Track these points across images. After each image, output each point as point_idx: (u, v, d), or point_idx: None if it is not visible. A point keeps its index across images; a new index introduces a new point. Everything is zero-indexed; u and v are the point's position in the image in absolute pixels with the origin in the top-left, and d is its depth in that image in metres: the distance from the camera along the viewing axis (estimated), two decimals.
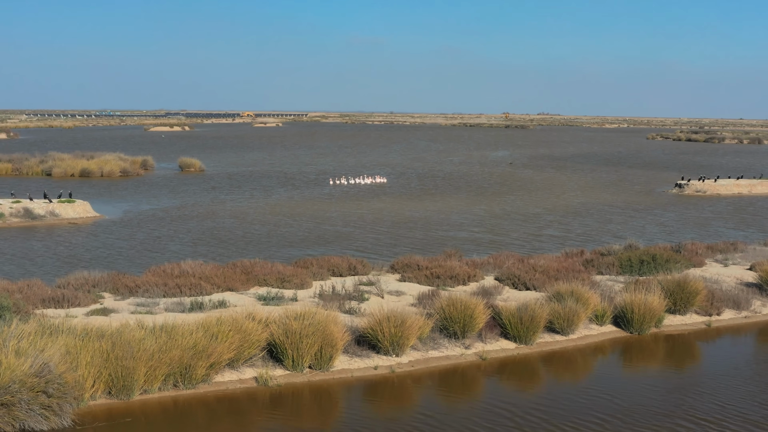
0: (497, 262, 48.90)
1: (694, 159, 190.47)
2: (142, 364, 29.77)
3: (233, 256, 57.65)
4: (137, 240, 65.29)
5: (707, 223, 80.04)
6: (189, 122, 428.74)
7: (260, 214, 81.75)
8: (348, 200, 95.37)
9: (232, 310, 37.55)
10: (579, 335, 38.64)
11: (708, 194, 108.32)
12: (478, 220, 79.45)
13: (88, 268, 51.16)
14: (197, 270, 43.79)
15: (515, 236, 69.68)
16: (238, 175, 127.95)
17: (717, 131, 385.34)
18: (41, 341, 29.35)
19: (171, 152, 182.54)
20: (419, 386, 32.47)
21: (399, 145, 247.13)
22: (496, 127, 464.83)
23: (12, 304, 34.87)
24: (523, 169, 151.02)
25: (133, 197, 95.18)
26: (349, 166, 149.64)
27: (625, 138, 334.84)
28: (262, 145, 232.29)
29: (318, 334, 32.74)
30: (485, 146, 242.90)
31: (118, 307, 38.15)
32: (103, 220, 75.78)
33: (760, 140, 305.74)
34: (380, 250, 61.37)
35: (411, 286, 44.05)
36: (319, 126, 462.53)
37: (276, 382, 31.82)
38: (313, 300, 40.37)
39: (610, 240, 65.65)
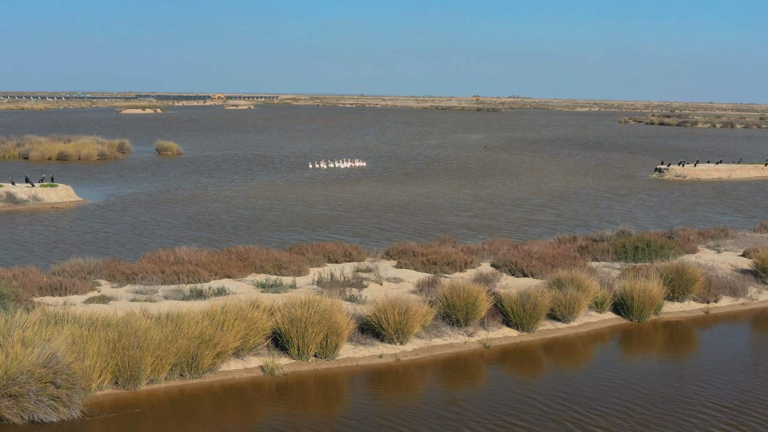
0: (492, 248, 48.81)
1: (669, 143, 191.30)
2: (149, 354, 29.43)
3: (223, 241, 57.28)
4: (123, 225, 64.68)
5: (692, 208, 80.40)
6: (160, 105, 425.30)
7: (245, 198, 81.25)
8: (331, 184, 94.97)
9: (233, 298, 37.22)
10: (580, 322, 38.65)
11: (688, 179, 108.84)
12: (465, 205, 79.36)
13: (78, 254, 50.63)
14: (193, 256, 43.39)
15: (504, 221, 69.66)
16: (217, 159, 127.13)
17: (689, 115, 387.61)
18: (46, 331, 28.95)
19: (146, 135, 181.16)
20: (424, 375, 32.34)
21: (373, 128, 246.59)
22: (468, 110, 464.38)
23: (12, 292, 34.29)
24: (501, 152, 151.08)
25: (113, 181, 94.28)
26: (326, 150, 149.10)
27: (598, 122, 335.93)
28: (236, 128, 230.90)
29: (323, 323, 32.51)
30: (459, 129, 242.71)
31: (117, 295, 37.73)
32: (86, 205, 74.99)
33: (733, 124, 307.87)
34: (371, 236, 61.17)
35: (408, 272, 43.89)
36: (290, 109, 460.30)
37: (282, 371, 31.58)
38: (312, 287, 40.12)
39: (600, 225, 65.84)
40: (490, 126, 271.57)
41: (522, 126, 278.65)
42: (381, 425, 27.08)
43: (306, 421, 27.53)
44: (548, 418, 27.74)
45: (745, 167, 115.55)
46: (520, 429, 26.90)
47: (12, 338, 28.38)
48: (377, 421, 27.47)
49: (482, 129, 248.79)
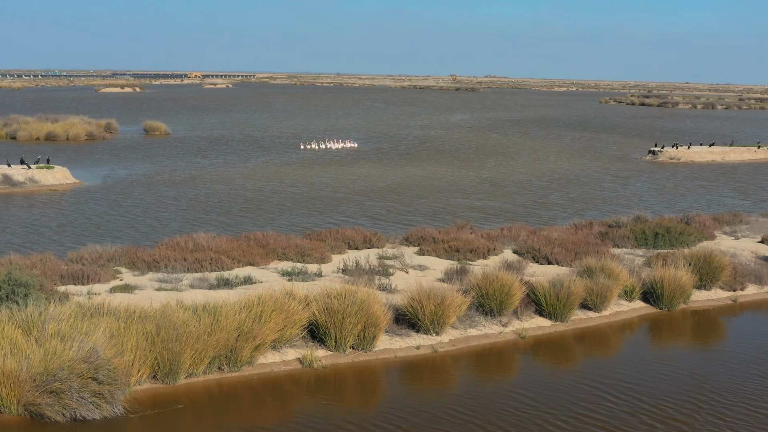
0: (511, 234, 48.20)
1: (653, 124, 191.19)
2: (188, 348, 28.65)
3: (233, 225, 56.55)
4: (127, 207, 63.65)
5: (698, 192, 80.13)
6: (138, 83, 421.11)
7: (245, 180, 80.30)
8: (327, 165, 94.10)
9: (261, 287, 36.43)
10: (611, 311, 38.17)
11: (682, 161, 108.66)
12: (470, 188, 78.71)
13: (88, 239, 49.83)
14: (212, 243, 42.51)
15: (514, 205, 69.03)
16: (206, 139, 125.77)
17: (667, 95, 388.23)
18: (82, 324, 28.07)
19: (129, 114, 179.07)
20: (464, 366, 31.77)
21: (356, 107, 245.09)
22: (446, 89, 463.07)
23: (36, 282, 33.31)
24: (490, 133, 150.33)
25: (107, 162, 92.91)
26: (312, 130, 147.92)
27: (578, 102, 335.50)
28: (219, 107, 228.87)
29: (361, 314, 31.81)
30: (442, 110, 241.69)
31: (140, 283, 36.84)
32: (83, 187, 73.79)
33: (713, 105, 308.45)
34: (383, 220, 60.56)
35: (432, 260, 43.22)
36: (269, 87, 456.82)
37: (321, 363, 30.84)
38: (338, 275, 39.39)
39: (610, 209, 65.54)
40: (471, 106, 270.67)
41: (504, 106, 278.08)
42: (424, 420, 26.38)
43: (346, 415, 26.84)
44: (621, 411, 27.17)
45: (738, 149, 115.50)
46: (596, 423, 26.24)
47: (47, 332, 27.52)
48: (419, 415, 26.77)
49: (465, 109, 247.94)
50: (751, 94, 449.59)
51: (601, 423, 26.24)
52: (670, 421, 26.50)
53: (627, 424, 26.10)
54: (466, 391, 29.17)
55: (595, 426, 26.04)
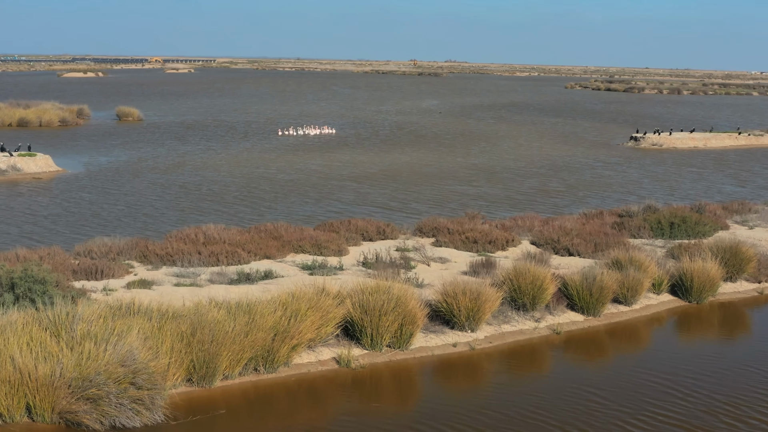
0: (525, 224, 47.05)
1: (624, 109, 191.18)
2: (225, 349, 27.22)
3: (230, 214, 55.23)
4: (117, 196, 61.82)
5: (697, 179, 79.47)
6: (100, 68, 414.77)
7: (231, 167, 78.63)
8: (311, 152, 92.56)
9: (283, 282, 35.09)
10: (641, 305, 37.24)
11: (665, 147, 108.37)
12: (465, 174, 77.64)
13: (86, 229, 48.13)
14: (223, 235, 40.99)
15: (516, 192, 68.07)
16: (180, 125, 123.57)
17: (631, 81, 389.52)
18: (113, 324, 26.49)
19: (98, 100, 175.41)
20: (503, 364, 30.62)
21: (323, 93, 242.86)
22: (409, 74, 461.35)
23: (53, 278, 31.64)
24: (465, 119, 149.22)
25: (86, 149, 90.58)
26: (286, 116, 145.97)
27: (544, 87, 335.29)
28: (186, 92, 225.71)
29: (398, 311, 30.49)
30: (410, 95, 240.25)
31: (157, 278, 35.28)
32: (67, 175, 71.71)
33: (679, 90, 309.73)
34: (386, 207, 59.41)
35: (451, 251, 42.00)
36: (231, 72, 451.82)
37: (358, 363, 29.53)
38: (359, 269, 38.11)
39: (614, 197, 64.74)
40: (438, 91, 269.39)
41: (471, 91, 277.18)
42: (470, 422, 25.15)
43: (388, 418, 25.62)
44: (697, 410, 26.13)
45: (719, 136, 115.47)
46: (675, 422, 25.19)
47: (75, 333, 25.96)
48: (465, 417, 25.57)
49: (432, 94, 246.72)
50: (713, 80, 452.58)
51: (678, 422, 25.20)
52: (749, 420, 25.51)
53: (707, 425, 25.07)
54: (522, 390, 28.04)
55: (675, 426, 25.02)
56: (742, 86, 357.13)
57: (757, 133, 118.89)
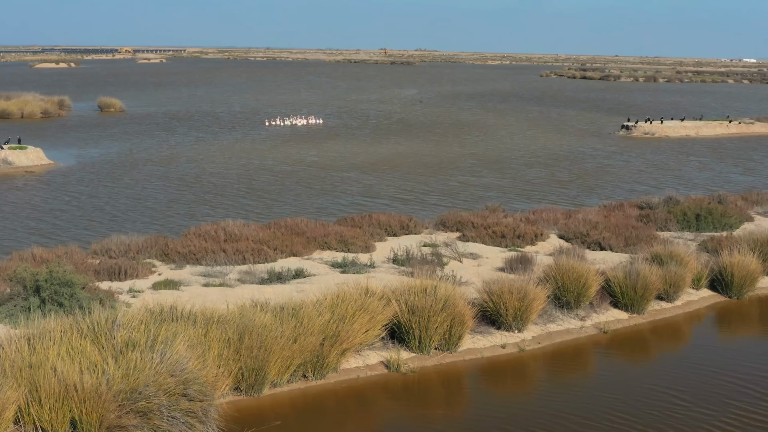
0: (548, 217, 45.78)
1: (605, 97, 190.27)
2: (274, 355, 25.75)
3: (237, 207, 53.90)
4: (117, 190, 60.02)
5: (695, 168, 78.58)
6: (72, 59, 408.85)
7: (226, 159, 76.81)
8: (304, 143, 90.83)
9: (316, 281, 33.64)
10: (682, 301, 36.09)
11: (657, 136, 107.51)
12: (468, 165, 76.19)
13: (92, 225, 46.39)
14: (245, 231, 39.37)
15: (526, 182, 66.54)
16: (163, 116, 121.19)
17: (605, 69, 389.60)
18: (158, 330, 24.90)
19: (76, 91, 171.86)
20: (557, 366, 29.41)
21: (300, 82, 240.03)
22: (382, 63, 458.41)
23: (81, 280, 29.98)
24: (450, 108, 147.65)
25: (74, 142, 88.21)
26: (269, 106, 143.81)
27: (519, 75, 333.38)
28: (162, 82, 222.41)
29: (447, 311, 29.10)
30: (388, 84, 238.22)
31: (183, 278, 33.68)
32: (59, 168, 69.65)
33: (655, 78, 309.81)
34: (398, 198, 58.12)
35: (480, 247, 40.64)
36: (204, 62, 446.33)
37: (408, 367, 28.12)
38: (391, 266, 36.69)
39: (626, 187, 63.70)
40: (416, 80, 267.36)
41: (448, 80, 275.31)
42: (547, 426, 23.91)
43: (443, 425, 24.35)
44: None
45: (710, 124, 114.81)
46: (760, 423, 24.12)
47: (116, 341, 24.35)
48: (533, 422, 24.32)
49: (410, 83, 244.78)
50: (685, 67, 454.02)
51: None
52: None
53: None
54: (589, 393, 26.80)
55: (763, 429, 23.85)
56: (715, 74, 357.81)
57: (748, 121, 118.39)
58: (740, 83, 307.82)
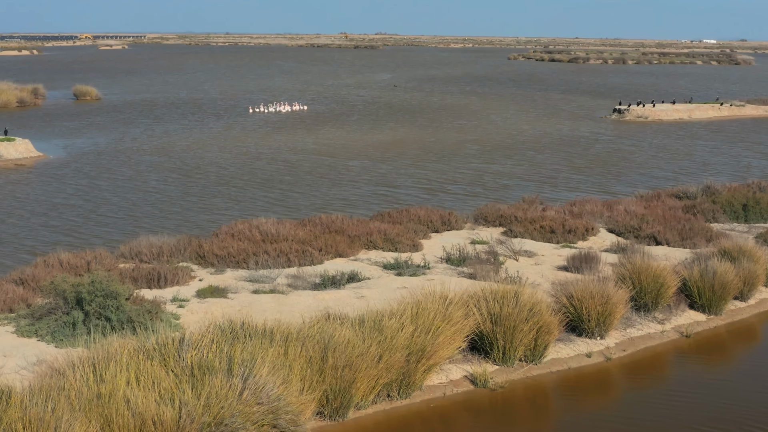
0: (591, 209, 43.43)
1: (582, 80, 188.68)
2: (361, 375, 23.10)
3: (253, 199, 51.38)
4: (119, 182, 57.11)
5: (711, 152, 76.64)
6: (33, 46, 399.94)
7: (222, 148, 73.83)
8: (296, 130, 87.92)
9: (374, 285, 31.03)
10: (755, 300, 33.99)
11: (650, 120, 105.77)
12: (476, 151, 73.90)
13: (103, 221, 43.43)
14: (282, 230, 36.61)
15: (548, 169, 64.44)
16: (142, 104, 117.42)
17: (567, 50, 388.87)
18: (229, 350, 22.22)
19: (45, 79, 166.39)
20: (647, 377, 27.21)
21: (271, 68, 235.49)
22: (345, 48, 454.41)
23: (126, 290, 27.13)
24: (430, 93, 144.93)
25: (59, 132, 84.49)
26: (246, 92, 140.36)
27: (488, 59, 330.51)
28: (131, 69, 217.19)
29: (533, 320, 26.62)
30: (359, 68, 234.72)
31: (227, 284, 30.95)
32: (50, 160, 66.27)
33: (624, 60, 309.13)
34: (420, 187, 55.98)
35: (532, 243, 38.23)
36: (166, 48, 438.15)
37: (494, 381, 25.62)
38: (446, 266, 34.16)
39: (651, 174, 61.53)
40: (386, 64, 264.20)
41: (419, 63, 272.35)
42: None
43: None
44: None
45: (702, 107, 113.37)
46: None
47: (185, 363, 21.62)
48: None
49: (380, 67, 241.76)
50: (648, 49, 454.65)
51: None
52: None
53: None
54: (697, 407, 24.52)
55: None
56: (681, 55, 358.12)
57: (738, 103, 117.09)
58: (709, 64, 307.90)
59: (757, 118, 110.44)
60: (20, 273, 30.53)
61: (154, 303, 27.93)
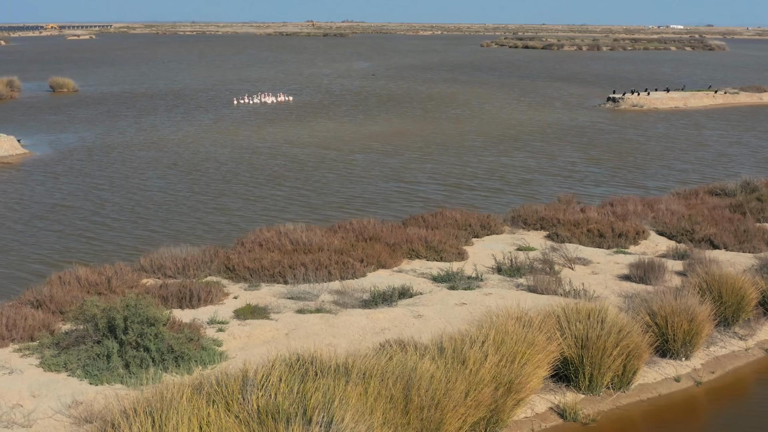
0: (634, 209, 40.68)
1: (562, 67, 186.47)
2: (450, 415, 20.18)
3: (268, 199, 48.13)
4: (115, 181, 53.81)
5: (724, 143, 74.15)
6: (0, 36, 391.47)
7: (215, 142, 70.56)
8: (289, 122, 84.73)
9: (429, 301, 28.08)
10: None
11: (645, 108, 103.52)
12: (483, 143, 70.97)
13: (111, 224, 40.15)
14: (313, 238, 33.60)
15: (564, 161, 61.76)
16: (121, 96, 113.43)
17: (538, 37, 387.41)
18: (300, 389, 19.24)
19: (16, 70, 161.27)
20: (744, 404, 24.42)
21: (245, 57, 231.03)
22: (315, 36, 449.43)
23: (164, 315, 24.02)
24: (414, 82, 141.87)
25: (41, 127, 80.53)
26: (226, 82, 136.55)
27: (463, 46, 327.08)
28: (102, 59, 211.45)
29: (623, 342, 23.83)
30: (335, 57, 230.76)
31: (268, 302, 27.95)
32: (37, 158, 62.67)
33: (599, 47, 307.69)
34: (438, 183, 53.23)
35: (581, 249, 35.35)
36: (134, 38, 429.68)
37: (584, 414, 22.80)
38: (501, 277, 31.24)
39: (675, 166, 59.06)
40: (359, 52, 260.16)
41: (392, 51, 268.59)
42: None
43: None
44: None
45: (697, 95, 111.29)
46: None
47: (251, 406, 18.64)
48: None
49: (356, 56, 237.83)
50: (618, 35, 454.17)
51: None
52: None
53: None
54: None
55: None
56: (654, 41, 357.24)
57: (732, 91, 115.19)
58: (683, 50, 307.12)
59: (752, 105, 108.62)
60: (35, 293, 27.36)
61: (194, 328, 24.84)
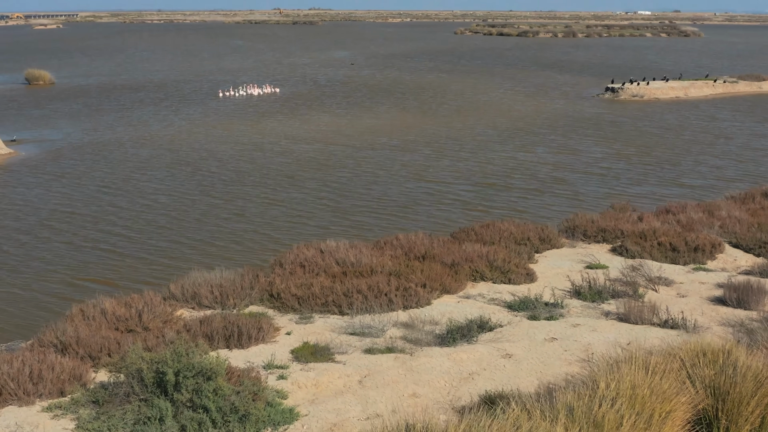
0: (697, 217, 37.20)
1: (543, 55, 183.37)
2: None
3: (292, 204, 44.89)
4: (116, 183, 50.28)
5: (745, 134, 70.99)
6: None
7: (210, 138, 67.09)
8: (283, 116, 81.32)
9: (512, 337, 24.45)
10: None
11: (646, 99, 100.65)
12: (496, 137, 67.65)
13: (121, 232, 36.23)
14: (361, 257, 29.74)
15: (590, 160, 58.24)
16: (100, 88, 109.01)
17: (513, 24, 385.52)
18: None
19: None
20: None
21: (219, 46, 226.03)
22: (284, 24, 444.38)
23: (221, 367, 20.08)
24: (398, 71, 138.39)
25: (22, 123, 76.13)
26: (206, 73, 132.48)
27: (437, 33, 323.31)
28: (73, 49, 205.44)
29: (762, 391, 20.20)
30: (312, 46, 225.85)
31: (328, 340, 24.10)
32: (24, 158, 58.81)
33: (575, 33, 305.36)
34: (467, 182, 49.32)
35: (657, 265, 31.71)
36: (102, 27, 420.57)
37: None
38: (581, 302, 27.54)
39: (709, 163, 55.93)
40: (336, 41, 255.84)
41: (366, 39, 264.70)
42: None
43: None
44: None
45: (696, 84, 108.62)
46: None
47: None
48: None
49: (332, 44, 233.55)
50: (587, 21, 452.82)
51: None
52: None
53: None
54: None
55: None
56: (628, 27, 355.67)
57: (731, 79, 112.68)
58: (659, 37, 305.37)
59: (753, 94, 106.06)
60: (58, 333, 23.34)
61: (254, 378, 20.94)
